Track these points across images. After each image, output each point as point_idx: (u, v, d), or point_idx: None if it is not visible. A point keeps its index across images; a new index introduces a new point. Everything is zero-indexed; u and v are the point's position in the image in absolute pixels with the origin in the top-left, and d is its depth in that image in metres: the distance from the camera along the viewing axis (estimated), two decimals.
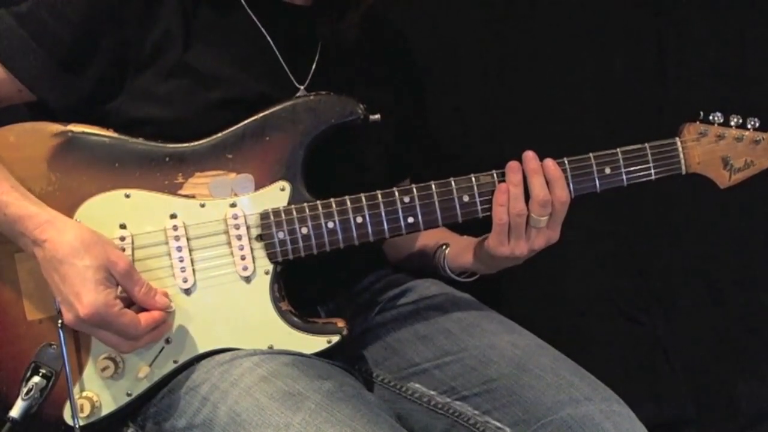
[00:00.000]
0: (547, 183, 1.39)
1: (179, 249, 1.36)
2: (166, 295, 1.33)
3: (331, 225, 1.38)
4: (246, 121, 1.39)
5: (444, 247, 1.58)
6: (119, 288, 1.28)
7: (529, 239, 1.41)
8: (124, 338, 1.28)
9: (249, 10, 1.47)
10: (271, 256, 1.37)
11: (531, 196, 1.39)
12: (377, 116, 1.41)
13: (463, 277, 1.58)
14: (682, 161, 1.45)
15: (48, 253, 1.25)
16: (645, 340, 2.22)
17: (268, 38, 1.48)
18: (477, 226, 1.44)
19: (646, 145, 1.43)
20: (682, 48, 2.12)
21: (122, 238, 1.35)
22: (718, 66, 2.12)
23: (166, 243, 1.36)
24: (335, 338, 1.38)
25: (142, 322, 1.28)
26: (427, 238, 1.64)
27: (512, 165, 1.40)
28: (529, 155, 1.40)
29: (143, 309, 1.31)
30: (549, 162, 1.40)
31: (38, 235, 1.26)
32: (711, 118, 1.44)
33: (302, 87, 1.49)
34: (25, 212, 1.28)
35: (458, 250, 1.56)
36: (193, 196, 1.37)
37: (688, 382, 2.22)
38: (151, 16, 1.39)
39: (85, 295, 1.23)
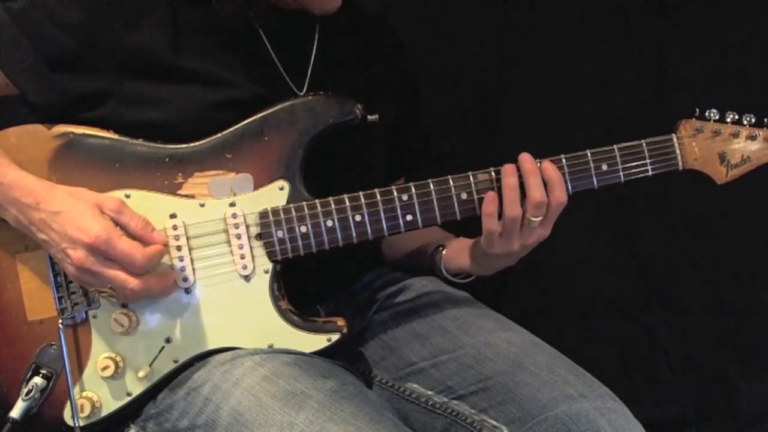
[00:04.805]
0: (545, 184, 1.39)
1: (179, 248, 1.36)
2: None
3: (330, 224, 1.38)
4: (245, 122, 1.39)
5: (440, 248, 1.58)
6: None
7: (521, 237, 1.41)
8: (130, 269, 1.28)
9: (243, 11, 1.47)
10: (271, 255, 1.38)
11: (527, 197, 1.38)
12: (375, 116, 1.41)
13: (459, 278, 1.58)
14: (679, 157, 1.45)
15: (43, 212, 1.28)
16: (645, 340, 2.23)
17: (264, 39, 1.48)
18: (475, 223, 1.43)
19: (643, 141, 1.43)
20: (682, 48, 2.13)
21: None
22: (718, 66, 2.12)
23: (166, 237, 1.36)
24: (335, 336, 1.38)
25: (145, 249, 1.29)
26: (423, 239, 1.64)
27: (507, 168, 1.40)
28: (525, 156, 1.40)
29: None
30: (548, 164, 1.40)
31: (32, 201, 1.29)
32: (707, 114, 1.45)
33: (299, 88, 1.49)
34: (20, 182, 1.31)
35: (454, 252, 1.56)
36: (192, 196, 1.38)
37: (688, 382, 2.22)
38: (140, 19, 1.40)
39: (87, 225, 1.26)
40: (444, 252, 1.58)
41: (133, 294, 1.30)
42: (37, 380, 1.34)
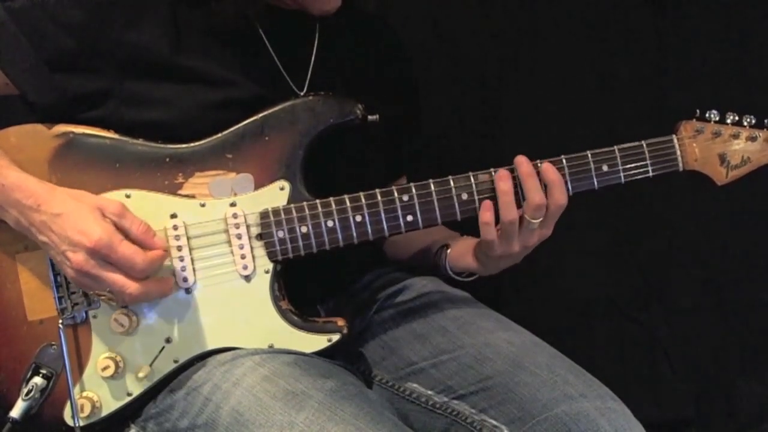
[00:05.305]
0: (546, 186, 1.39)
1: (179, 248, 1.36)
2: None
3: (330, 224, 1.38)
4: (245, 122, 1.39)
5: (445, 247, 1.58)
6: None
7: (521, 239, 1.41)
8: (130, 273, 1.28)
9: (243, 11, 1.46)
10: (271, 255, 1.38)
11: (526, 200, 1.39)
12: (375, 116, 1.41)
13: (462, 276, 1.58)
14: (679, 158, 1.44)
15: (44, 214, 1.28)
16: (645, 340, 2.23)
17: (264, 39, 1.48)
18: (476, 223, 1.43)
19: (643, 142, 1.43)
20: (682, 48, 2.13)
21: None
22: (718, 66, 2.12)
23: (167, 243, 1.36)
24: (335, 337, 1.38)
25: (146, 253, 1.29)
26: (428, 238, 1.64)
27: (501, 174, 1.39)
28: (521, 159, 1.40)
29: None
30: (548, 166, 1.40)
31: (33, 203, 1.29)
32: (707, 115, 1.45)
33: (299, 88, 1.49)
34: (21, 183, 1.30)
35: (459, 251, 1.56)
36: (193, 196, 1.38)
37: (688, 382, 2.22)
38: (140, 19, 1.40)
39: (89, 228, 1.26)
40: (449, 251, 1.57)
41: (131, 298, 1.29)
42: (37, 380, 1.34)
